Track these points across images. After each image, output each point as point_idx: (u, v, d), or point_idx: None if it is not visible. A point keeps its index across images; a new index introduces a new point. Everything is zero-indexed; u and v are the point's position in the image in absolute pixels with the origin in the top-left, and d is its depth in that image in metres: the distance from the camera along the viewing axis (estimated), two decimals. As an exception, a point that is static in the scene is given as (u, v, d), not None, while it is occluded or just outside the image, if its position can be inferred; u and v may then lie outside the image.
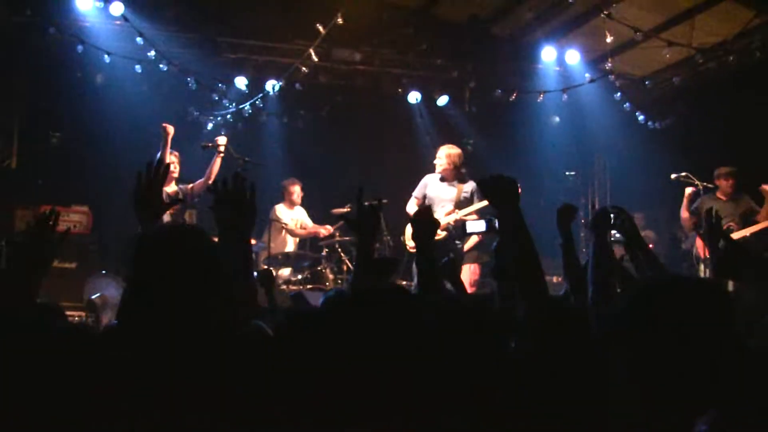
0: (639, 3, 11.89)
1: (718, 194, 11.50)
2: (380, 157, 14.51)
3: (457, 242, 10.38)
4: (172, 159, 10.05)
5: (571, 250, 4.56)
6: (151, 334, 2.64)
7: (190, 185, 10.43)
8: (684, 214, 11.62)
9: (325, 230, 12.28)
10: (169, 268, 2.79)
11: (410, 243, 10.46)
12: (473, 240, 10.52)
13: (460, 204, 10.53)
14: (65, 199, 11.89)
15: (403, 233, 11.14)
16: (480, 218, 8.11)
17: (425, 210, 4.64)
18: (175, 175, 10.23)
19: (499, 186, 3.98)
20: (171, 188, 10.11)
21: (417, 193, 10.90)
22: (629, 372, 2.42)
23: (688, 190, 11.58)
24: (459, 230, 10.14)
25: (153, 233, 3.22)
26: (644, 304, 2.44)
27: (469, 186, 10.57)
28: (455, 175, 10.69)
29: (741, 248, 4.60)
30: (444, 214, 10.27)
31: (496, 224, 4.24)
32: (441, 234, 9.97)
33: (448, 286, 5.26)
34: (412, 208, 10.79)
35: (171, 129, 9.88)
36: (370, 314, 2.68)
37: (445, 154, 10.71)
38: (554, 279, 11.86)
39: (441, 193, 10.65)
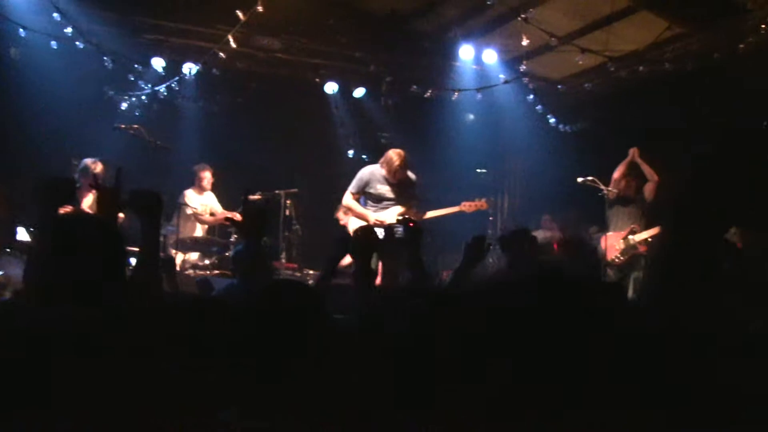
0: (560, 7, 12.07)
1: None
2: (295, 145, 14.53)
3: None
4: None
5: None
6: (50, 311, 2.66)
7: None
8: (616, 174, 11.83)
9: (232, 216, 12.24)
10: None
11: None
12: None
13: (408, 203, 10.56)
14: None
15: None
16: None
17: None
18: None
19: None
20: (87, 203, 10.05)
21: (353, 188, 10.61)
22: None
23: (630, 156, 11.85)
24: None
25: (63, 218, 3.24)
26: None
27: (412, 181, 10.59)
28: (401, 175, 10.48)
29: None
30: (397, 214, 10.32)
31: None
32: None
33: None
34: (348, 201, 10.65)
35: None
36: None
37: (397, 155, 10.46)
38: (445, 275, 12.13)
39: (385, 192, 10.56)
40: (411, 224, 4.81)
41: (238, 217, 12.42)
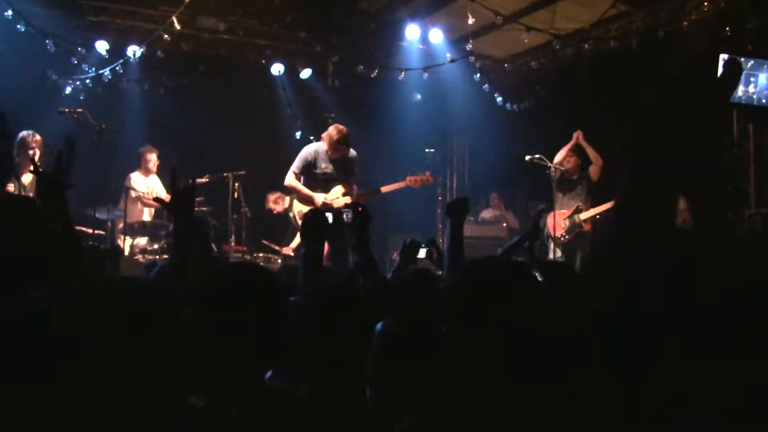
0: (505, -14, 12.11)
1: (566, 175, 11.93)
2: (242, 127, 14.47)
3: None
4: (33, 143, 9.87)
5: (456, 246, 4.80)
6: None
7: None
8: (559, 157, 11.98)
9: (160, 198, 12.06)
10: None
11: (298, 212, 10.54)
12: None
13: (349, 180, 10.52)
14: None
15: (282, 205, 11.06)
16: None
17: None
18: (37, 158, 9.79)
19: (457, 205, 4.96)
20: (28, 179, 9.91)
21: (297, 167, 10.51)
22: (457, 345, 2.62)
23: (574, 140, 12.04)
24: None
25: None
26: (460, 284, 2.69)
27: (352, 158, 10.55)
28: (343, 151, 10.44)
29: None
30: (341, 194, 10.42)
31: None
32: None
33: None
34: (292, 181, 10.57)
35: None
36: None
37: (337, 131, 10.40)
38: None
39: (328, 170, 10.52)
40: (360, 209, 4.84)
41: (166, 197, 12.29)
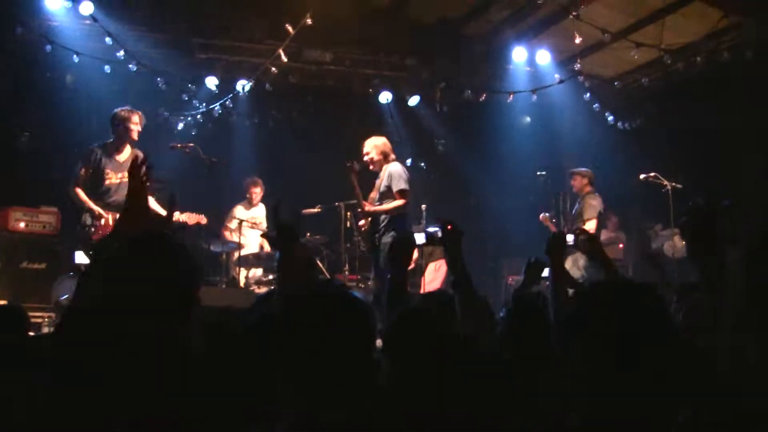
0: (609, 3, 11.92)
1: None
2: (352, 156, 14.50)
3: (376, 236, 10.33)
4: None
5: (558, 280, 4.58)
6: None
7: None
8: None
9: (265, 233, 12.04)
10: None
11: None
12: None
13: (381, 194, 10.46)
14: (33, 200, 11.80)
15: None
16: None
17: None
18: (135, 136, 9.92)
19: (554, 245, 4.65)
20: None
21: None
22: (581, 370, 2.52)
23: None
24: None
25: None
26: (587, 309, 2.55)
27: (385, 174, 10.45)
28: (381, 165, 10.51)
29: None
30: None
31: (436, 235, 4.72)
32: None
33: None
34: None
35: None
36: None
37: (373, 145, 10.56)
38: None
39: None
40: (449, 226, 4.65)
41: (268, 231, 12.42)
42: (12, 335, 4.50)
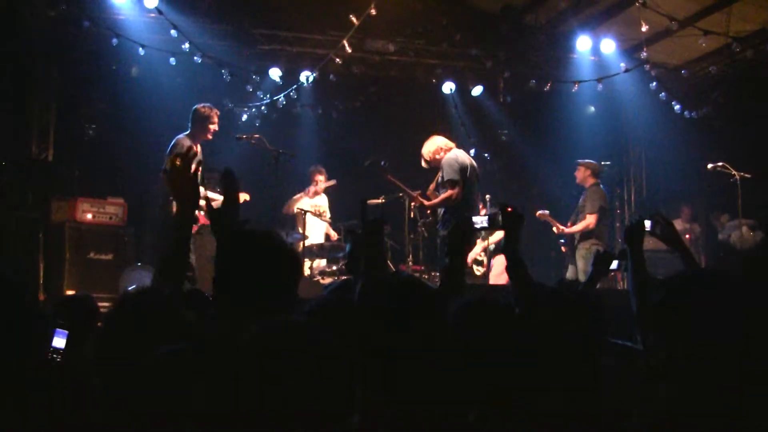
0: (677, -9, 11.78)
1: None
2: (414, 147, 14.47)
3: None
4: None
5: (639, 270, 4.41)
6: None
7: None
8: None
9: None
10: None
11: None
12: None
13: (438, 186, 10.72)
14: (100, 191, 11.96)
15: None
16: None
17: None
18: (211, 136, 10.04)
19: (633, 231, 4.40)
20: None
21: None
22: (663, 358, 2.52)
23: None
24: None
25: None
26: (672, 299, 2.59)
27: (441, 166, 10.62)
28: (438, 161, 10.68)
29: None
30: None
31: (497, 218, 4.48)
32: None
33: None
34: None
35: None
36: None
37: (426, 150, 10.86)
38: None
39: None
40: (509, 209, 4.38)
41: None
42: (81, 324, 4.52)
